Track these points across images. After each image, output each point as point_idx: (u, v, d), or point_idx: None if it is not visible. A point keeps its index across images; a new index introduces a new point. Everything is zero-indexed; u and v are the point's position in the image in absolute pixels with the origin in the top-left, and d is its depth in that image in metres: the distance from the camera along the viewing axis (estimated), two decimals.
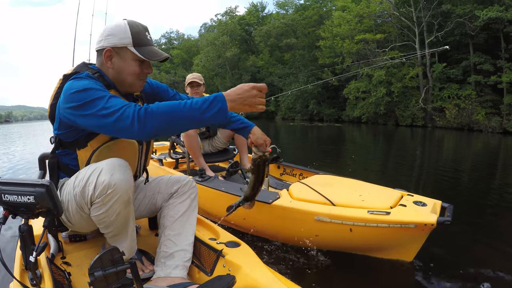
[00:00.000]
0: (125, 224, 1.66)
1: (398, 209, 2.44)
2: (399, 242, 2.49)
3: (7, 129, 46.02)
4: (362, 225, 2.40)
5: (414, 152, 10.45)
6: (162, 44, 65.62)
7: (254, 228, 3.05)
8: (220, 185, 3.20)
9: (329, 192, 2.79)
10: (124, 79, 1.73)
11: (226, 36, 41.25)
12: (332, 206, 2.60)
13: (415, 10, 23.83)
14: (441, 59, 23.97)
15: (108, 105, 1.46)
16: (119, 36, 1.65)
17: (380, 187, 3.00)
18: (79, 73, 1.64)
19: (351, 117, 28.56)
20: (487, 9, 19.39)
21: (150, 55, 1.69)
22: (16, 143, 16.98)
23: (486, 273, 2.50)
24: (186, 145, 3.96)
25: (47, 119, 1.91)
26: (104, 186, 1.47)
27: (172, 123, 1.42)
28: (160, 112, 1.41)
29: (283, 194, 2.88)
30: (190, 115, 1.41)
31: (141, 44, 1.68)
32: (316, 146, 12.41)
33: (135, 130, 1.41)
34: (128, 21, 1.70)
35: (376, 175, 6.49)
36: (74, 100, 1.50)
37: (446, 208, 2.55)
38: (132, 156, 1.86)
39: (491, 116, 20.05)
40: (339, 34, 28.03)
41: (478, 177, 6.44)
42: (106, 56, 1.68)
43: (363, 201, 2.61)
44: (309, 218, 2.58)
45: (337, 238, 2.60)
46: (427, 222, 2.26)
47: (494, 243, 3.08)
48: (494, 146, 12.47)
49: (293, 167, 4.41)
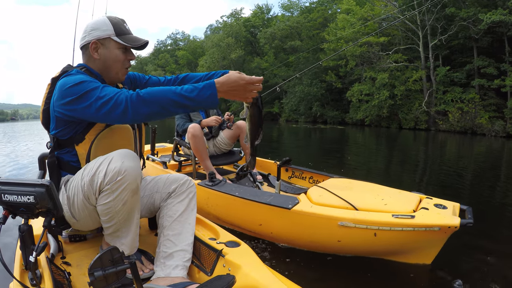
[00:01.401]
0: (129, 216, 1.69)
1: (421, 213, 2.43)
2: (420, 245, 2.48)
3: (14, 127, 46.12)
4: (387, 229, 2.38)
5: (417, 154, 10.41)
6: (168, 45, 65.80)
7: (271, 234, 2.97)
8: (234, 189, 3.11)
9: (350, 196, 2.75)
10: (110, 67, 1.86)
11: (231, 38, 41.28)
12: (355, 211, 2.56)
13: (419, 13, 23.77)
14: (445, 63, 23.91)
15: (102, 94, 1.57)
16: (101, 28, 1.79)
17: (398, 191, 2.99)
18: (68, 71, 1.73)
19: (355, 120, 28.46)
20: (490, 13, 19.28)
21: (132, 41, 1.84)
22: (24, 142, 16.98)
23: (496, 274, 2.52)
24: (192, 147, 3.87)
25: None
26: (114, 172, 1.54)
27: (163, 106, 1.53)
28: (152, 96, 1.53)
29: (302, 199, 2.82)
30: (181, 99, 1.52)
31: (122, 33, 1.84)
32: (317, 147, 12.39)
33: (129, 115, 1.54)
34: (107, 15, 1.86)
35: (380, 177, 6.46)
36: (70, 94, 1.59)
37: (465, 210, 2.56)
38: (129, 141, 1.94)
39: (495, 120, 19.93)
40: (342, 37, 27.97)
41: (484, 180, 6.43)
42: (92, 48, 1.81)
43: (386, 205, 2.59)
44: (332, 224, 2.52)
45: (361, 243, 2.56)
46: (451, 225, 2.26)
47: (508, 246, 3.08)
48: (497, 149, 12.40)
49: (302, 170, 4.32)
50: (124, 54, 1.87)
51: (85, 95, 1.57)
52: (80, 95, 1.57)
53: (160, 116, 1.57)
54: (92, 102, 1.56)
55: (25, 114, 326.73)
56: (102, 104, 1.55)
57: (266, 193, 3.00)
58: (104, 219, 1.66)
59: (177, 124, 4.19)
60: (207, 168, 3.88)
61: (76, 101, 1.58)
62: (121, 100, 1.53)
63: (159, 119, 1.61)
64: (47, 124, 1.82)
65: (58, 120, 1.71)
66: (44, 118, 1.82)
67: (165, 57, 61.75)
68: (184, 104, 1.54)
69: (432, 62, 23.91)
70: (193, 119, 4.19)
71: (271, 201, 2.79)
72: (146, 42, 1.87)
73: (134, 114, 1.53)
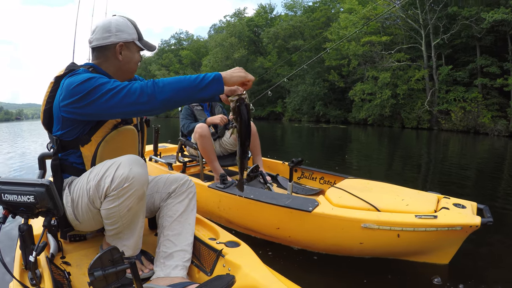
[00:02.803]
0: (133, 220, 1.69)
1: (443, 213, 2.43)
2: (441, 245, 2.48)
3: (19, 126, 46.29)
4: (410, 230, 2.36)
5: (420, 154, 10.39)
6: (172, 45, 65.85)
7: (288, 238, 2.89)
8: (248, 192, 2.98)
9: (370, 197, 2.71)
10: (129, 69, 1.90)
11: (234, 38, 41.25)
12: (378, 212, 2.52)
13: (421, 12, 23.71)
14: (448, 62, 23.81)
15: (113, 86, 1.55)
16: (128, 32, 1.82)
17: (416, 191, 2.97)
18: (74, 70, 1.70)
19: (357, 119, 28.41)
20: (492, 11, 19.16)
21: (148, 47, 1.91)
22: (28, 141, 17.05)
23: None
24: (200, 148, 3.75)
25: None
26: (122, 179, 1.53)
27: (178, 93, 1.54)
28: (167, 82, 1.55)
29: (322, 201, 2.74)
30: (191, 84, 1.55)
31: (141, 37, 1.90)
32: (321, 147, 12.38)
33: (144, 100, 1.52)
34: (127, 18, 1.88)
35: (387, 177, 6.44)
36: (78, 92, 1.56)
37: (482, 209, 2.57)
38: (134, 142, 1.95)
39: (497, 119, 19.86)
40: (345, 36, 27.92)
41: (490, 179, 6.45)
42: (118, 50, 1.81)
43: (408, 206, 2.57)
44: (355, 226, 2.47)
45: (383, 245, 2.52)
46: (472, 224, 2.27)
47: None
48: (500, 149, 12.37)
49: (312, 171, 4.19)
50: (140, 56, 1.94)
51: (94, 89, 1.54)
52: (88, 91, 1.54)
53: (175, 104, 1.57)
54: (103, 94, 1.53)
55: (29, 113, 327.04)
56: (113, 95, 1.52)
57: (283, 195, 2.90)
58: (108, 222, 1.65)
59: (182, 124, 4.11)
60: (215, 170, 3.77)
61: (84, 98, 1.55)
62: (135, 88, 1.52)
63: (172, 108, 1.62)
64: (48, 124, 1.81)
65: (64, 120, 1.68)
66: (45, 118, 1.81)
67: (169, 57, 61.76)
68: (194, 86, 1.55)
69: (435, 61, 23.81)
70: (199, 119, 4.10)
71: (290, 203, 2.70)
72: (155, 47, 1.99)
73: (150, 100, 1.52)
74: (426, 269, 2.55)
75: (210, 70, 40.83)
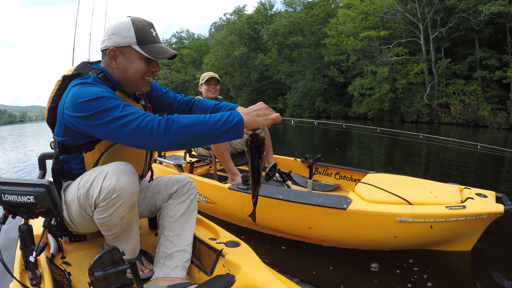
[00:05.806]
0: (128, 227, 1.65)
1: (470, 202, 2.49)
2: (467, 233, 2.58)
3: (22, 129, 46.29)
4: (443, 221, 2.42)
5: (420, 147, 10.37)
6: (173, 44, 65.64)
7: (321, 237, 2.82)
8: (276, 192, 2.89)
9: (401, 192, 2.72)
10: (129, 79, 1.67)
11: (234, 35, 41.20)
12: (411, 206, 2.55)
13: (419, 6, 23.65)
14: (447, 55, 23.78)
15: (123, 113, 1.41)
16: (122, 34, 1.58)
17: (440, 183, 3.03)
18: (84, 77, 1.58)
19: (357, 114, 28.41)
20: (490, 4, 19.06)
21: (156, 53, 1.61)
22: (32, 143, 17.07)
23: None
24: (213, 148, 3.60)
25: None
26: (109, 190, 1.46)
27: (192, 137, 1.40)
28: (181, 125, 1.39)
29: (353, 197, 2.72)
30: (210, 129, 1.40)
31: (146, 41, 1.60)
32: (323, 142, 12.36)
33: (153, 140, 1.38)
34: (131, 18, 1.62)
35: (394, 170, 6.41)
36: (84, 110, 1.43)
37: (501, 197, 2.66)
38: (141, 154, 1.86)
39: (497, 111, 19.87)
40: (344, 31, 27.88)
41: (492, 170, 6.55)
42: (110, 56, 1.61)
43: (436, 198, 2.61)
44: (390, 221, 2.48)
45: (417, 237, 2.58)
46: (497, 212, 2.36)
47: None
48: (500, 141, 12.33)
49: (327, 166, 4.15)
50: (146, 65, 1.65)
51: (102, 113, 1.41)
52: (95, 113, 1.41)
53: (186, 146, 1.47)
54: (110, 121, 1.40)
55: (33, 116, 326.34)
56: (121, 124, 1.39)
57: (313, 194, 2.84)
58: (102, 229, 1.61)
59: None
60: (229, 170, 3.61)
61: (90, 118, 1.42)
62: (146, 124, 1.38)
63: (184, 149, 1.51)
64: (53, 123, 1.68)
65: (67, 128, 1.57)
66: (49, 117, 1.68)
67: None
68: (213, 131, 1.41)
69: (434, 54, 23.79)
70: None
71: (322, 202, 2.67)
72: (175, 54, 1.67)
73: (160, 142, 1.39)
74: (451, 256, 2.66)
75: (211, 68, 40.78)
